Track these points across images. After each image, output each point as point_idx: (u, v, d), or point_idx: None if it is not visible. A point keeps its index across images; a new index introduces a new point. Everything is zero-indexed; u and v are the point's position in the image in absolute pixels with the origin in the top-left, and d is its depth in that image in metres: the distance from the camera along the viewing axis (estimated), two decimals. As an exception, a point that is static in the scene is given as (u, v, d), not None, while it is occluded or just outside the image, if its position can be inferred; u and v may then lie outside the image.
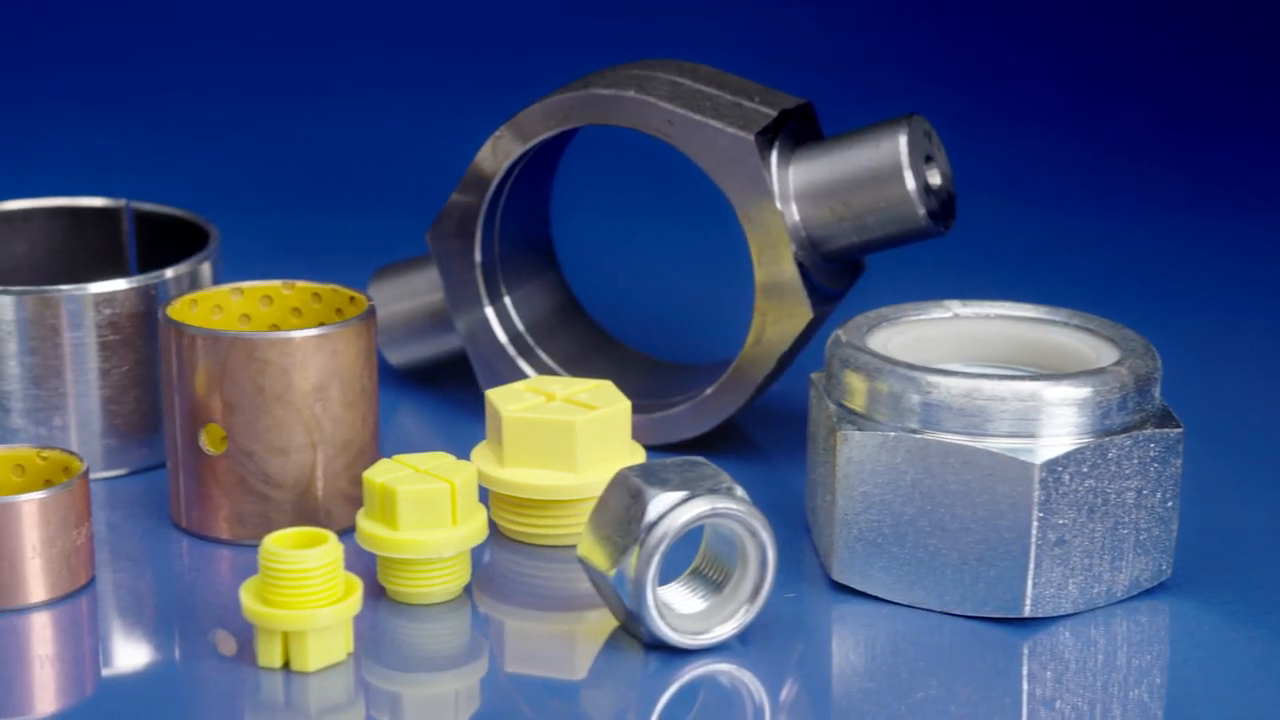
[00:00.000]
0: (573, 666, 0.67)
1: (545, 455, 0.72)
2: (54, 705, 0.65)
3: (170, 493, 0.75)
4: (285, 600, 0.62)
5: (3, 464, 0.71)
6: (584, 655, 0.68)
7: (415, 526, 0.67)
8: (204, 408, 0.72)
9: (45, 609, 0.68)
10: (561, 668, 0.67)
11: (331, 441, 0.73)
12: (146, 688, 0.65)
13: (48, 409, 0.78)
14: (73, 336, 0.78)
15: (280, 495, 0.73)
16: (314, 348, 0.72)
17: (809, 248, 0.79)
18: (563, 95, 0.81)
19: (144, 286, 0.78)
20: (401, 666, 0.66)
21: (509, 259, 0.86)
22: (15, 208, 0.88)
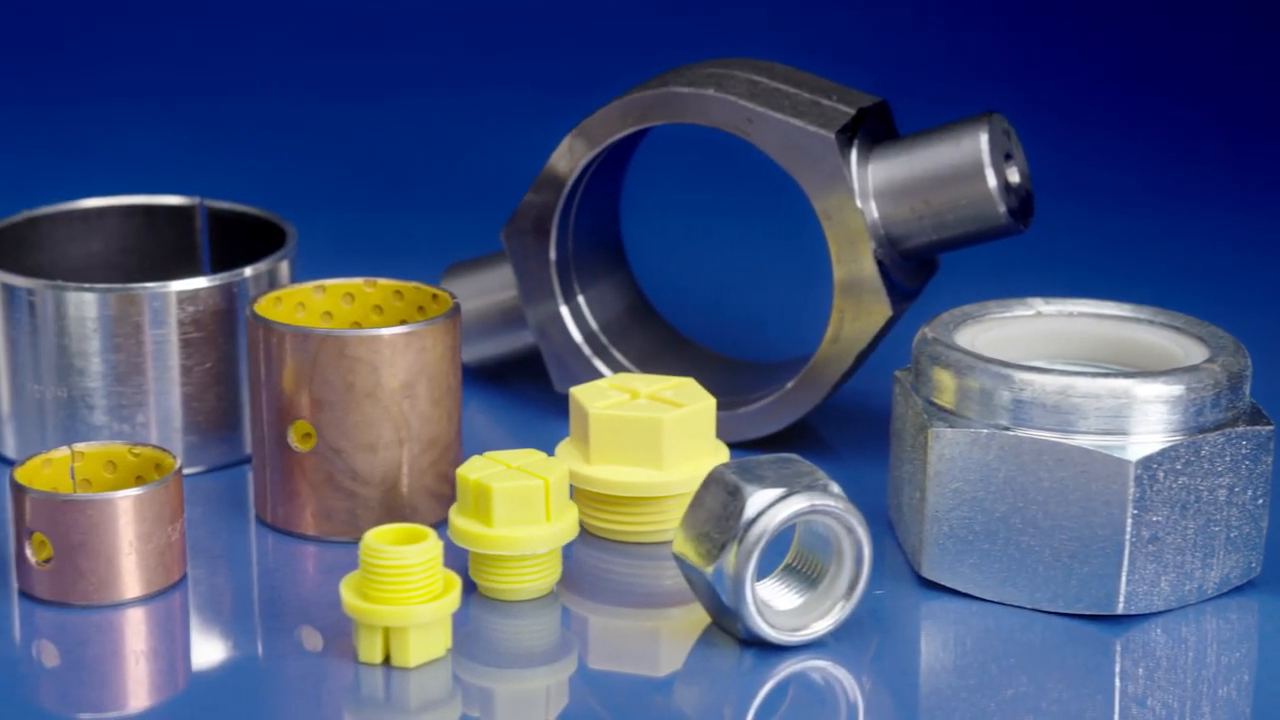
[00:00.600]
0: (664, 663, 0.67)
1: (632, 452, 0.72)
2: (146, 700, 0.66)
3: (255, 489, 0.76)
4: (386, 596, 0.63)
5: (94, 460, 0.71)
6: (675, 652, 0.68)
7: (509, 523, 0.67)
8: (292, 405, 0.73)
9: (140, 604, 0.69)
10: (651, 664, 0.67)
11: (418, 438, 0.73)
12: (242, 683, 0.65)
13: (131, 406, 0.78)
14: (155, 334, 0.78)
15: (367, 492, 0.73)
16: (403, 345, 0.72)
17: (887, 245, 0.79)
18: (640, 94, 0.81)
19: (226, 284, 0.79)
20: (493, 662, 0.66)
21: (581, 258, 0.86)
22: (90, 206, 0.88)
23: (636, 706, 0.64)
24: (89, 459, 0.71)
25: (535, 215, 0.84)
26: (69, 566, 0.67)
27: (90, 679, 0.65)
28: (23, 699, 0.65)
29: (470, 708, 0.64)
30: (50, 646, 0.67)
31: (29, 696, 0.65)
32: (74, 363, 0.78)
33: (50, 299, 0.78)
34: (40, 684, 0.66)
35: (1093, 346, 0.73)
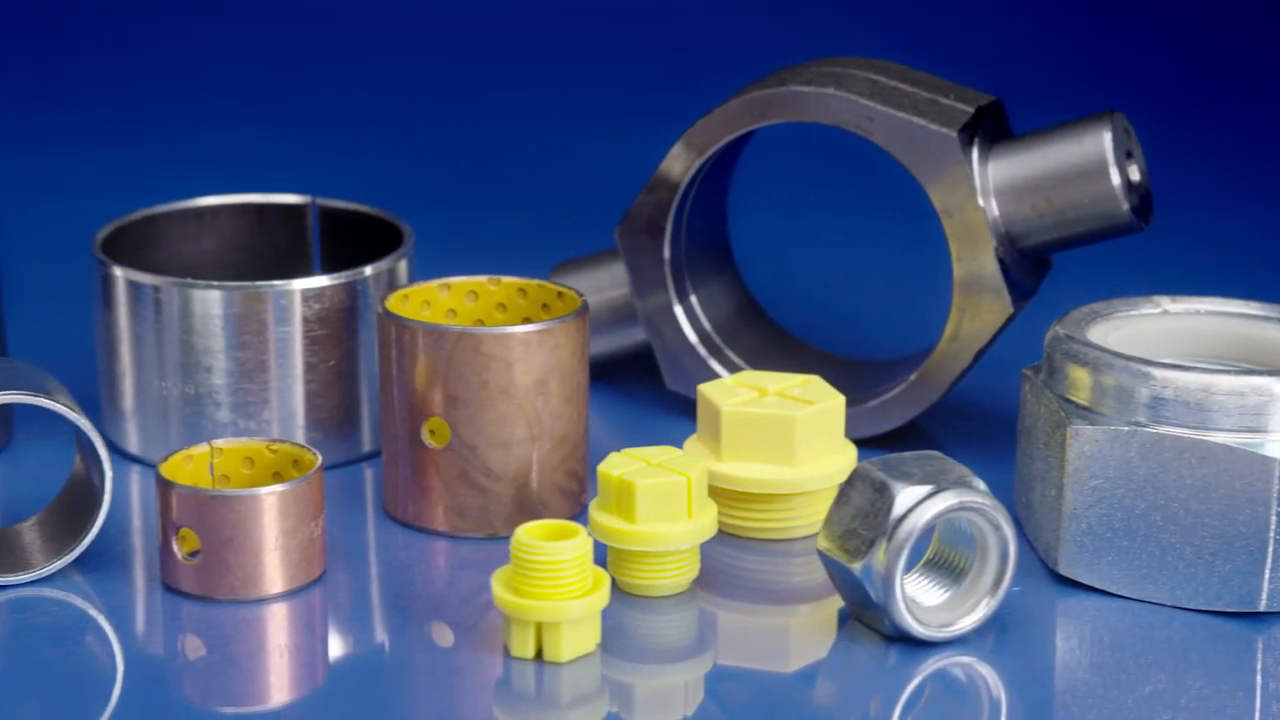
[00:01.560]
0: (794, 659, 0.68)
1: (764, 450, 0.73)
2: (288, 695, 0.66)
3: (385, 485, 0.76)
4: (539, 591, 0.63)
5: (232, 457, 0.72)
6: (806, 648, 0.68)
7: (652, 519, 0.68)
8: (425, 402, 0.73)
9: (282, 600, 0.69)
10: (783, 660, 0.68)
11: (549, 435, 0.74)
12: (386, 677, 0.66)
13: (256, 403, 0.79)
14: (280, 332, 0.78)
15: (500, 488, 0.74)
16: (537, 342, 0.72)
17: (1007, 243, 0.80)
18: (758, 93, 0.81)
19: (349, 282, 0.79)
20: (633, 658, 0.67)
21: (692, 257, 0.87)
22: (204, 204, 0.89)
23: (778, 703, 0.64)
24: (227, 455, 0.72)
25: (649, 214, 0.85)
26: (216, 561, 0.68)
27: (233, 673, 0.66)
28: (167, 693, 0.65)
29: (611, 703, 0.65)
30: (195, 640, 0.68)
31: (173, 690, 0.66)
32: (200, 360, 0.78)
33: (176, 296, 0.78)
34: (184, 678, 0.67)
35: (1222, 344, 0.74)
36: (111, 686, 0.65)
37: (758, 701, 0.64)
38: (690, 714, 0.65)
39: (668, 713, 0.65)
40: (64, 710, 0.64)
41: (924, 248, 1.08)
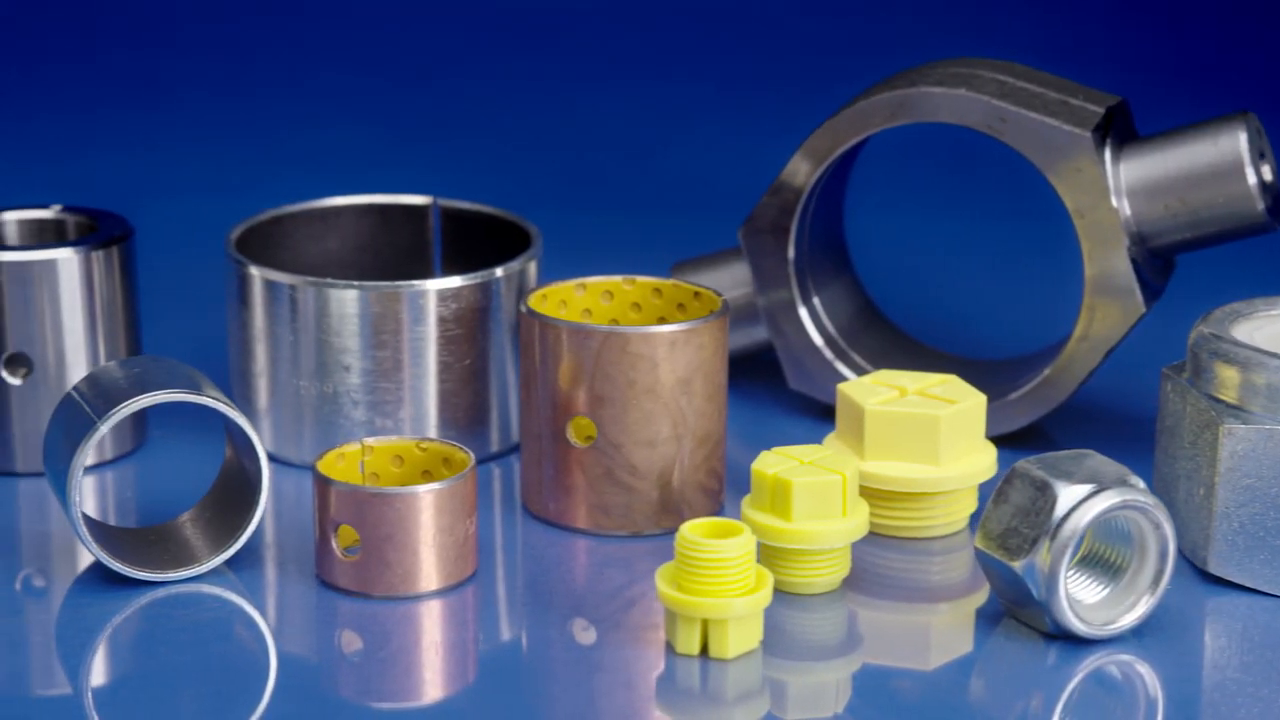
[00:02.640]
0: (934, 657, 0.68)
1: (907, 449, 0.73)
2: (441, 692, 0.67)
3: (525, 482, 0.77)
4: (704, 588, 0.64)
5: (382, 455, 0.73)
6: (959, 646, 0.69)
7: (808, 517, 0.68)
8: (569, 400, 0.74)
9: (436, 597, 0.70)
10: (932, 658, 0.68)
11: (693, 434, 0.74)
12: (540, 675, 0.67)
13: (391, 402, 0.79)
14: (416, 331, 0.79)
15: (644, 486, 0.74)
16: (683, 341, 0.73)
17: (1139, 243, 0.80)
18: (888, 94, 0.82)
19: (483, 282, 0.80)
20: (787, 655, 0.67)
21: (815, 259, 0.87)
22: (329, 205, 0.89)
23: (944, 700, 0.65)
24: (378, 453, 0.72)
25: (774, 214, 0.85)
26: (375, 558, 0.68)
27: (389, 670, 0.67)
28: (323, 688, 0.66)
29: (765, 699, 0.65)
30: (352, 636, 0.68)
31: (329, 685, 0.66)
32: (339, 359, 0.79)
33: (312, 295, 0.79)
34: (340, 673, 0.67)
35: (1364, 344, 0.74)
36: (267, 681, 0.66)
37: (927, 699, 0.65)
38: (840, 711, 0.65)
39: (819, 709, 0.65)
40: (222, 704, 0.64)
41: (1030, 248, 1.09)
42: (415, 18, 1.34)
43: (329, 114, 1.26)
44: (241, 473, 0.72)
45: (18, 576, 0.72)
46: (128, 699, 0.64)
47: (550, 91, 1.30)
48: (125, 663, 0.66)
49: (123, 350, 0.81)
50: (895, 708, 0.64)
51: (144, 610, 0.69)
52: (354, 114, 1.26)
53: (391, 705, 0.65)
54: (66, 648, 0.67)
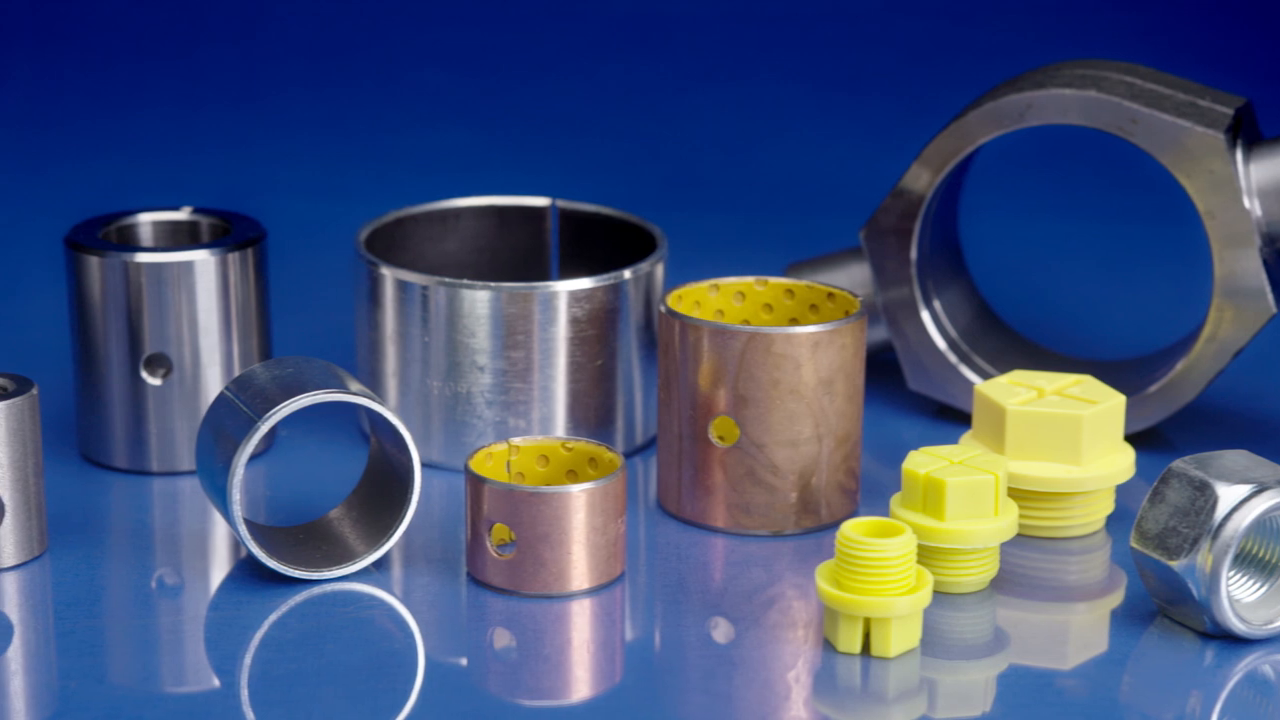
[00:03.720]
0: (1072, 656, 0.68)
1: (1049, 449, 0.74)
2: (588, 691, 0.67)
3: (663, 482, 0.77)
4: (866, 587, 0.64)
5: (528, 454, 0.73)
6: (1098, 645, 0.69)
7: (961, 517, 0.69)
8: (711, 400, 0.74)
9: (586, 596, 0.70)
10: (1070, 658, 0.68)
11: (833, 434, 0.75)
12: (691, 674, 0.67)
13: (522, 403, 0.80)
14: (547, 332, 0.79)
15: (785, 486, 0.74)
16: (826, 342, 0.73)
17: (1269, 244, 0.80)
18: (1017, 95, 0.82)
19: (613, 284, 0.80)
20: (937, 654, 0.67)
21: (934, 261, 0.88)
22: (449, 206, 0.90)
23: (1103, 698, 0.65)
24: (524, 453, 0.73)
25: (898, 215, 0.85)
26: (530, 557, 0.69)
27: (539, 668, 0.67)
28: (473, 684, 0.66)
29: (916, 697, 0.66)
30: (505, 634, 0.69)
31: (479, 682, 0.67)
32: (473, 360, 0.79)
33: (444, 295, 0.79)
34: (489, 671, 0.68)
35: None
36: (416, 677, 0.66)
37: (1084, 699, 0.65)
38: (989, 710, 0.66)
39: (969, 708, 0.66)
40: (373, 700, 0.65)
41: (1135, 249, 1.09)
42: (529, 19, 1.35)
43: (435, 115, 1.26)
44: (389, 470, 0.73)
45: (155, 574, 0.73)
46: (281, 696, 0.64)
47: (649, 92, 1.31)
48: (279, 660, 0.67)
49: (256, 351, 0.81)
50: (1058, 707, 0.64)
51: (298, 608, 0.70)
52: (460, 115, 1.26)
53: (539, 703, 0.65)
54: (221, 646, 0.68)
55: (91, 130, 1.24)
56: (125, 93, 1.28)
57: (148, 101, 1.27)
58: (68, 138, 1.23)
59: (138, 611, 0.70)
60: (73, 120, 1.25)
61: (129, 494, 0.79)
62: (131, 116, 1.25)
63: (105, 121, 1.24)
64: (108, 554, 0.74)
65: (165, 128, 1.24)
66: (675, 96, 1.30)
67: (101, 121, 1.24)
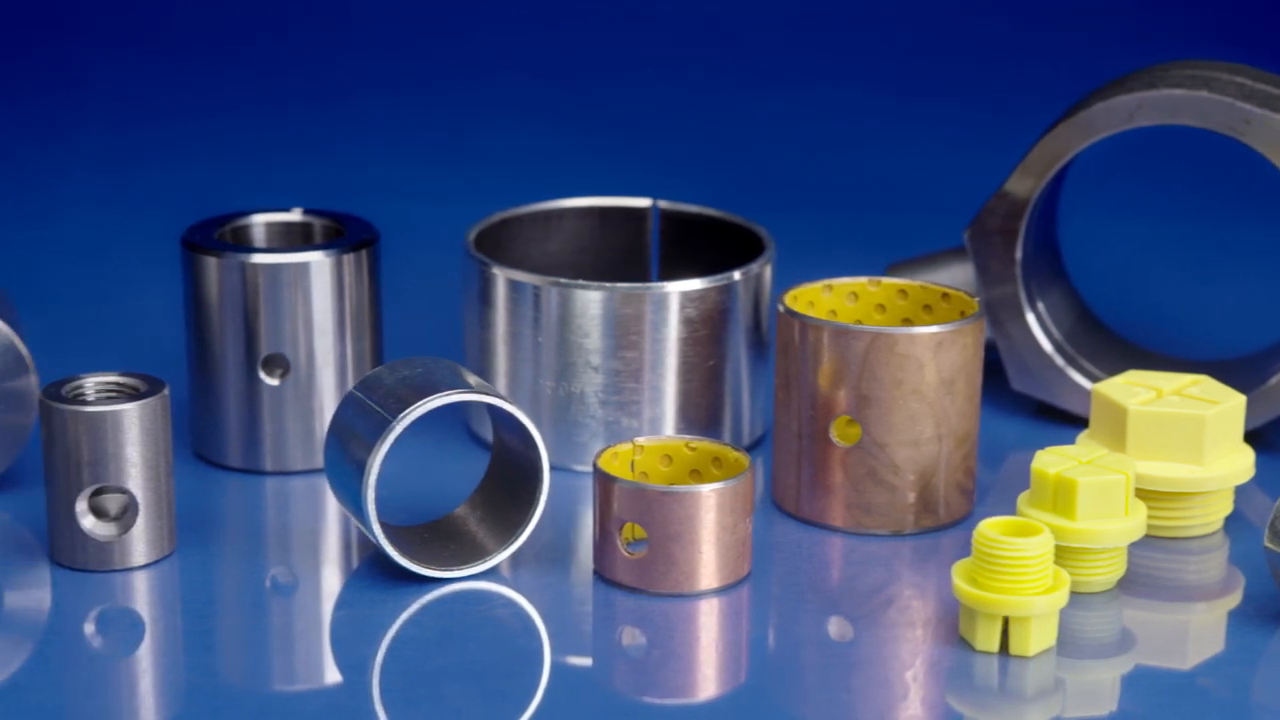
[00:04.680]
0: (1201, 654, 0.69)
1: (1171, 449, 0.74)
2: (716, 690, 0.67)
3: (779, 481, 0.77)
4: (1005, 586, 0.64)
5: (652, 454, 0.73)
6: (1216, 644, 0.69)
7: (1092, 516, 0.69)
8: (832, 400, 0.74)
9: (714, 595, 0.71)
10: (1190, 657, 0.68)
11: (953, 434, 0.75)
12: (818, 673, 0.67)
13: (637, 402, 0.80)
14: (659, 333, 0.80)
15: (905, 486, 0.75)
16: (949, 342, 0.73)
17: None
18: (1126, 96, 0.82)
19: (724, 284, 0.80)
20: (1065, 652, 0.67)
21: (1036, 263, 0.88)
22: (551, 207, 0.90)
23: (1224, 701, 0.65)
24: (648, 452, 0.73)
25: (1003, 215, 0.85)
26: (662, 556, 0.69)
27: (667, 666, 0.67)
28: (599, 683, 0.67)
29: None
30: (635, 633, 0.69)
31: (606, 681, 0.67)
32: (588, 359, 0.79)
33: (556, 295, 0.80)
34: (616, 668, 0.68)
35: None
36: (543, 674, 0.67)
37: (1225, 699, 0.65)
38: (1115, 710, 0.66)
39: (1099, 707, 0.66)
40: (500, 698, 0.65)
41: (1224, 249, 1.09)
42: (613, 20, 1.36)
43: (518, 116, 1.27)
44: (513, 469, 0.73)
45: (280, 574, 0.73)
46: (414, 695, 0.65)
47: (731, 94, 1.31)
48: (412, 659, 0.67)
49: (368, 353, 0.82)
50: (1190, 707, 0.65)
51: (429, 607, 0.70)
52: (540, 116, 1.27)
53: (665, 701, 0.66)
54: (353, 645, 0.68)
55: (188, 130, 1.25)
56: (224, 94, 1.29)
57: (242, 102, 1.28)
58: (165, 137, 1.25)
59: (271, 610, 0.70)
60: (173, 119, 1.26)
61: (245, 493, 0.79)
62: (225, 116, 1.26)
63: (202, 121, 1.26)
64: (233, 553, 0.74)
65: (255, 129, 1.25)
66: (756, 98, 1.30)
67: (200, 121, 1.26)
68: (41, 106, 1.28)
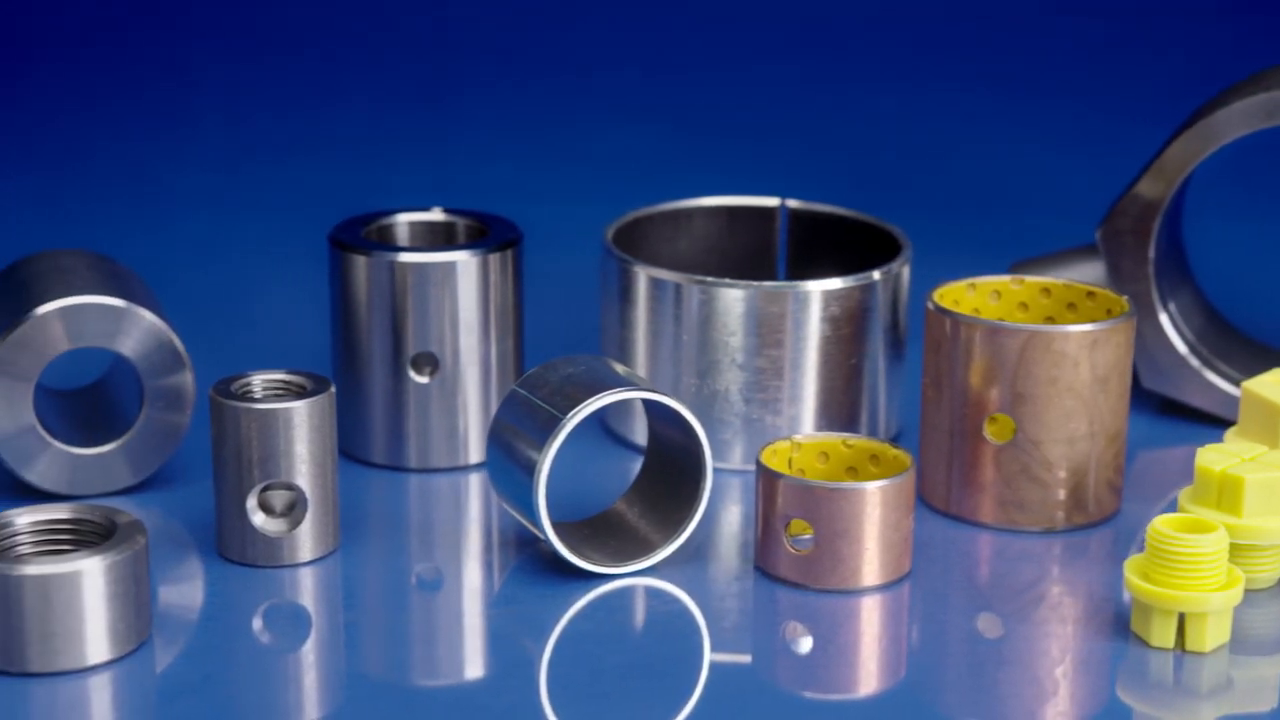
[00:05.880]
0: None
1: (1326, 446, 0.74)
2: (876, 686, 0.68)
3: (928, 479, 0.78)
4: (1184, 583, 0.65)
5: (809, 452, 0.74)
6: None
7: (1258, 513, 0.69)
8: (985, 397, 0.75)
9: (876, 592, 0.71)
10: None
11: (1105, 431, 0.75)
12: (980, 670, 0.67)
13: (779, 400, 0.80)
14: (800, 331, 0.80)
15: (1058, 483, 0.75)
16: (1104, 340, 0.74)
17: None
18: (1265, 95, 0.82)
19: (864, 284, 0.81)
20: (1230, 649, 0.68)
21: (1166, 263, 0.88)
22: (681, 206, 0.91)
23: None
24: (805, 449, 0.74)
25: (1136, 215, 0.86)
26: (828, 553, 0.70)
27: (829, 662, 0.68)
28: (761, 678, 0.67)
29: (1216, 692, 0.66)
30: (801, 628, 0.69)
31: (768, 675, 0.67)
32: (726, 357, 0.80)
33: (698, 293, 0.80)
34: (778, 663, 0.68)
35: None
36: (702, 668, 0.67)
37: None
38: (1276, 706, 0.66)
39: (1265, 703, 0.66)
40: (661, 695, 0.65)
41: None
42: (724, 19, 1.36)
43: (642, 116, 1.28)
44: (672, 465, 0.74)
45: (429, 569, 0.74)
46: (579, 690, 0.65)
47: (845, 94, 1.32)
48: (574, 655, 0.68)
49: (512, 352, 0.82)
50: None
51: (595, 603, 0.70)
52: (662, 116, 1.27)
53: (824, 697, 0.66)
54: (512, 641, 0.69)
55: (306, 129, 1.27)
56: (344, 92, 1.30)
57: (363, 100, 1.29)
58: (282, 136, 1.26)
59: (435, 606, 0.71)
60: (287, 117, 1.27)
61: (392, 490, 0.80)
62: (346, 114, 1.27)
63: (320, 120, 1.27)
64: (393, 550, 0.74)
65: (372, 128, 1.26)
66: (868, 98, 1.31)
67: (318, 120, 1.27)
68: (158, 104, 1.30)
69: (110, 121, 1.28)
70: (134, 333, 0.76)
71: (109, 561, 0.62)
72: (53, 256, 0.81)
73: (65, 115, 1.28)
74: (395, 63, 1.33)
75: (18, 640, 0.62)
